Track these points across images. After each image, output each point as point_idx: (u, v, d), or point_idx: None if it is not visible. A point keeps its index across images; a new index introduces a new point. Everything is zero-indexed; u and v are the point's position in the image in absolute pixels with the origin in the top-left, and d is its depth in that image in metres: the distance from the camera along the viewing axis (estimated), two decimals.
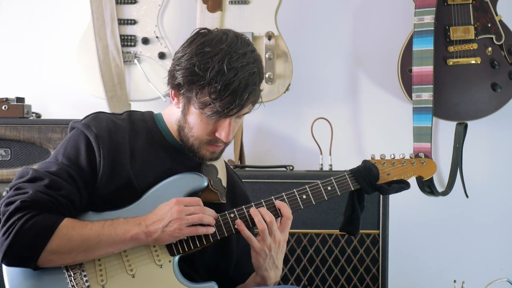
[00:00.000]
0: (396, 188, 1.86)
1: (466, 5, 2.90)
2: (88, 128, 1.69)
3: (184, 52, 1.67)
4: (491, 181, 3.13)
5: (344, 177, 1.83)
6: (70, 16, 3.18)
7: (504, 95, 2.89)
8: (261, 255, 1.71)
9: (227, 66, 1.61)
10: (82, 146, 1.68)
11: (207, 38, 1.66)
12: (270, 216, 1.72)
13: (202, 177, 1.76)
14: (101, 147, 1.67)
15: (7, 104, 2.70)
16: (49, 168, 1.66)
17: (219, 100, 1.62)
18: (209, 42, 1.65)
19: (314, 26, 3.18)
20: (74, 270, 1.62)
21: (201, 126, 1.70)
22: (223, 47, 1.63)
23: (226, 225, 1.71)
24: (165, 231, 1.62)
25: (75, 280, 1.61)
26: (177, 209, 1.63)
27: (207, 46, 1.64)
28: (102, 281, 1.62)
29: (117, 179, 1.67)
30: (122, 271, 1.64)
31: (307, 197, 1.78)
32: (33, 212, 1.57)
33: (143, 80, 2.96)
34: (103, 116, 1.76)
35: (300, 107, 3.17)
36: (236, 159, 3.00)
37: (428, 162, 1.92)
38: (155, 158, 1.76)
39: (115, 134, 1.70)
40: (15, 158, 2.63)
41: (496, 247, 3.12)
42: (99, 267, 1.63)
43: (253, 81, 1.65)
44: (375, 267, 2.56)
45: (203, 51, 1.64)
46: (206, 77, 1.61)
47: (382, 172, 1.86)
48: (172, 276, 1.67)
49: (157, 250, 1.67)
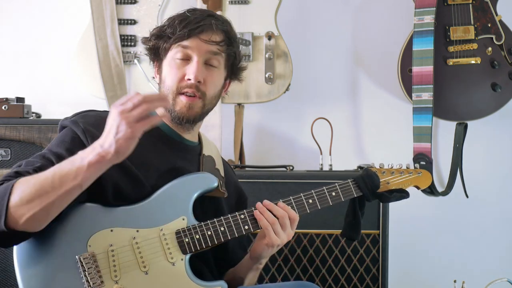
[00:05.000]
0: (396, 197, 1.95)
1: (466, 5, 2.90)
2: (75, 123, 1.73)
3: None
4: (491, 181, 3.13)
5: (348, 184, 1.89)
6: (70, 16, 3.18)
7: (504, 95, 2.89)
8: (273, 247, 1.76)
9: (187, 11, 1.82)
10: (68, 138, 1.71)
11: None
12: (282, 212, 1.76)
13: (212, 177, 1.79)
14: (89, 140, 1.67)
15: (7, 104, 2.70)
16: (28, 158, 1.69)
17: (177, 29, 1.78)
18: (175, 14, 1.85)
19: (314, 26, 3.18)
20: (88, 265, 1.61)
21: (170, 71, 1.80)
22: (187, 10, 1.84)
23: (236, 226, 1.75)
24: (119, 138, 1.50)
25: (89, 275, 1.60)
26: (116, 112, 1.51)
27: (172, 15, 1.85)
28: (116, 277, 1.63)
29: (116, 172, 1.66)
30: (136, 268, 1.65)
31: (313, 202, 1.84)
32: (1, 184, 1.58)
33: (143, 80, 2.96)
34: (92, 113, 1.80)
35: (300, 107, 3.17)
36: (236, 159, 3.00)
37: (424, 173, 2.02)
38: (152, 150, 1.78)
39: (104, 128, 1.70)
40: (15, 158, 2.63)
41: (496, 247, 3.12)
42: (113, 262, 1.63)
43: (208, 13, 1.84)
44: (375, 267, 2.56)
45: (168, 18, 1.85)
46: (168, 24, 1.81)
47: (382, 181, 1.93)
48: (184, 274, 1.68)
49: (169, 248, 1.68)
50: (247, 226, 1.75)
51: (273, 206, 1.77)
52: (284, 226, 1.75)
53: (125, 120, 1.49)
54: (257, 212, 1.75)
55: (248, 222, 1.76)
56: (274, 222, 1.74)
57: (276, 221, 1.74)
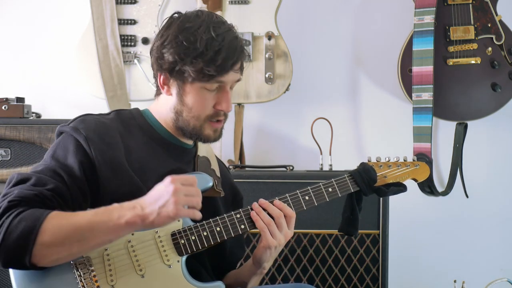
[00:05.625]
0: (394, 191, 1.91)
1: (466, 5, 2.90)
2: (76, 130, 1.67)
3: (166, 36, 1.71)
4: (491, 181, 3.13)
5: (344, 179, 1.86)
6: (70, 16, 3.18)
7: (504, 95, 2.89)
8: (271, 249, 1.73)
9: (214, 33, 1.67)
10: (71, 147, 1.66)
11: (183, 17, 1.73)
12: (278, 212, 1.74)
13: (207, 177, 1.77)
14: (92, 148, 1.65)
15: (7, 104, 2.70)
16: (36, 169, 1.64)
17: (213, 64, 1.67)
18: (188, 19, 1.71)
19: (314, 26, 3.18)
20: (83, 270, 1.60)
21: (201, 101, 1.72)
22: (203, 19, 1.71)
23: (232, 225, 1.73)
24: (162, 212, 1.53)
25: (85, 281, 1.59)
26: (174, 188, 1.54)
27: (187, 22, 1.70)
28: (112, 281, 1.61)
29: (118, 179, 1.66)
30: (132, 271, 1.63)
31: (310, 198, 1.81)
32: (21, 208, 1.54)
33: (143, 80, 2.96)
34: (91, 118, 1.74)
35: (300, 107, 3.17)
36: (236, 159, 3.00)
37: (422, 165, 1.97)
38: (152, 154, 1.76)
39: (105, 134, 1.69)
40: (15, 158, 2.63)
41: (496, 247, 3.12)
42: (109, 267, 1.62)
43: (239, 44, 1.73)
44: (375, 267, 2.56)
45: (185, 27, 1.69)
46: (197, 48, 1.67)
47: (379, 175, 1.90)
48: (180, 276, 1.67)
49: (165, 250, 1.67)
50: (243, 226, 1.74)
51: (268, 205, 1.75)
52: (280, 226, 1.73)
53: (176, 199, 1.52)
54: (253, 213, 1.74)
55: (244, 221, 1.74)
56: (269, 223, 1.72)
57: (271, 222, 1.73)
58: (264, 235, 1.73)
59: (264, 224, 1.73)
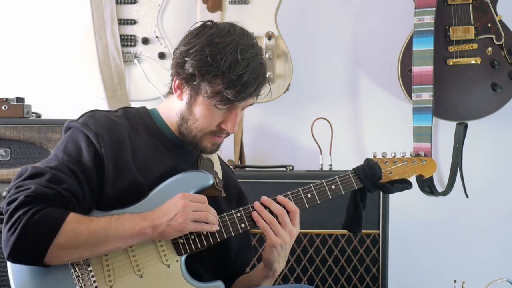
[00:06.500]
0: (399, 188, 1.87)
1: (466, 5, 2.90)
2: (86, 126, 1.67)
3: (193, 44, 1.68)
4: (491, 181, 3.13)
5: (348, 176, 1.83)
6: (70, 16, 3.18)
7: (504, 95, 2.89)
8: (277, 248, 1.72)
9: (240, 57, 1.64)
10: (83, 143, 1.66)
11: (215, 30, 1.69)
12: (280, 209, 1.73)
13: (208, 175, 1.76)
14: (102, 145, 1.65)
15: (7, 104, 2.70)
16: (49, 164, 1.63)
17: (232, 88, 1.65)
18: (219, 34, 1.67)
19: (314, 26, 3.18)
20: (81, 270, 1.60)
21: (208, 117, 1.71)
22: (234, 38, 1.67)
23: (232, 224, 1.72)
24: (170, 224, 1.61)
25: (83, 281, 1.59)
26: (183, 203, 1.62)
27: (216, 37, 1.67)
28: (110, 282, 1.61)
29: (122, 178, 1.66)
30: (130, 271, 1.63)
31: (312, 196, 1.78)
32: (39, 206, 1.53)
33: (143, 80, 2.97)
34: (100, 114, 1.74)
35: (300, 107, 3.16)
36: (236, 159, 3.00)
37: (429, 161, 1.93)
38: (156, 154, 1.75)
39: (114, 131, 1.69)
40: (15, 158, 2.63)
41: (496, 247, 3.11)
42: (107, 267, 1.62)
43: (263, 72, 1.70)
44: (375, 267, 2.56)
45: (214, 42, 1.66)
46: (220, 67, 1.64)
47: (384, 171, 1.86)
48: (179, 276, 1.66)
49: (164, 250, 1.66)
50: (244, 225, 1.72)
51: (271, 202, 1.74)
52: (283, 224, 1.71)
53: (184, 215, 1.62)
54: (254, 213, 1.72)
55: (244, 220, 1.72)
56: (272, 222, 1.71)
57: (274, 220, 1.71)
58: (267, 235, 1.71)
59: (266, 223, 1.71)
